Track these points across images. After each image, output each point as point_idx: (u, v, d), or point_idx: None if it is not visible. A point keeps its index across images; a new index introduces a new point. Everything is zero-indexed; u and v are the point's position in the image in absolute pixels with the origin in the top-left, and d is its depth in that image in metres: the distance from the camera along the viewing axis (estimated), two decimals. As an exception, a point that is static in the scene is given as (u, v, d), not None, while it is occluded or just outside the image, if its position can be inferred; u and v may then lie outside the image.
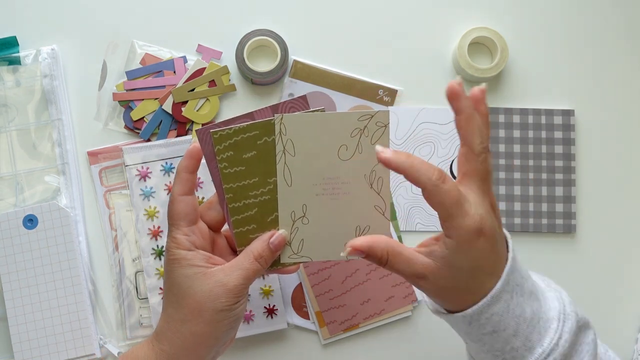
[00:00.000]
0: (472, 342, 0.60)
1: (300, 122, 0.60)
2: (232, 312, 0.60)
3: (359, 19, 0.83)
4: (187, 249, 0.61)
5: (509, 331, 0.57)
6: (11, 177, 0.79)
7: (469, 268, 0.55)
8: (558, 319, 0.58)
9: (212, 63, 0.80)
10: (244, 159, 0.61)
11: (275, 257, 0.62)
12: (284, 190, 0.62)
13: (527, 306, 0.58)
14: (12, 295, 0.76)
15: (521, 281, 0.58)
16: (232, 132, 0.60)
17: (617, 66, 0.83)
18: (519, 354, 0.57)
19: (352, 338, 0.79)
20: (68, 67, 0.81)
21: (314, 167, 0.61)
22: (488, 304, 0.56)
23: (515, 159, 0.81)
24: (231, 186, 0.62)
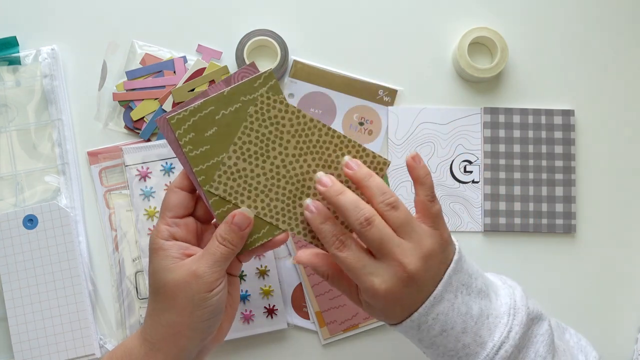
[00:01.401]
0: (427, 349, 0.62)
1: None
2: (207, 301, 0.60)
3: (359, 19, 0.83)
4: (165, 238, 0.61)
5: (457, 329, 0.59)
6: (11, 177, 0.79)
7: (389, 306, 0.60)
8: (508, 313, 0.61)
9: (212, 63, 0.80)
10: (207, 138, 0.61)
11: (244, 236, 0.61)
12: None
13: (474, 304, 0.60)
14: (12, 295, 0.76)
15: (468, 281, 0.61)
16: (188, 113, 0.60)
17: (617, 66, 0.83)
18: (471, 350, 0.60)
19: (352, 338, 0.79)
20: (68, 67, 0.81)
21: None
22: (431, 304, 0.59)
23: (515, 159, 0.81)
24: (201, 168, 0.61)
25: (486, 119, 0.81)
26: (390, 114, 0.81)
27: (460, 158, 0.81)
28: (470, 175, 0.81)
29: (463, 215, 0.80)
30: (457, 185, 0.81)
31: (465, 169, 0.81)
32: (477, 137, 0.81)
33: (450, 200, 0.81)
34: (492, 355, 0.59)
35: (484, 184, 0.81)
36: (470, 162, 0.81)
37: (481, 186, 0.81)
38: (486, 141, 0.81)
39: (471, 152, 0.81)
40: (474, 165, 0.81)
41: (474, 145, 0.81)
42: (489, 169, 0.81)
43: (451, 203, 0.81)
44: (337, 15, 0.83)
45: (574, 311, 0.80)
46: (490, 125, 0.81)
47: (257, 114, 0.61)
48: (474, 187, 0.81)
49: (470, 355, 0.60)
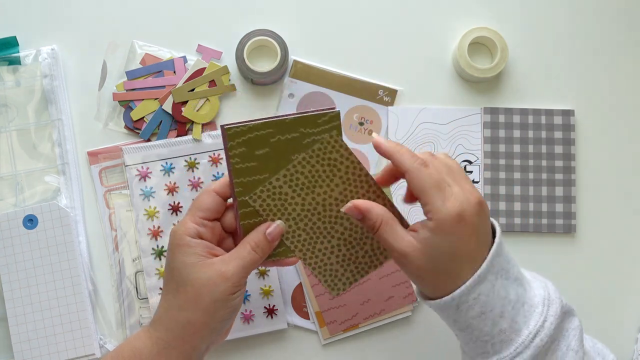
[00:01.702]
0: (461, 332, 0.61)
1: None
2: (230, 302, 0.61)
3: (359, 19, 0.83)
4: (192, 236, 0.62)
5: (496, 312, 0.59)
6: (11, 177, 0.79)
7: (447, 252, 0.58)
8: (543, 304, 0.60)
9: (212, 63, 0.80)
10: (256, 155, 0.62)
11: (272, 247, 0.63)
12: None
13: (511, 289, 0.60)
14: (12, 295, 0.76)
15: (507, 266, 0.61)
16: (247, 129, 0.62)
17: (617, 66, 0.83)
18: (506, 336, 0.59)
19: (352, 338, 0.79)
20: (68, 67, 0.81)
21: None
22: (475, 283, 0.58)
23: (515, 159, 0.81)
24: (241, 180, 0.63)
25: (486, 119, 0.81)
26: (390, 114, 0.81)
27: (460, 158, 0.81)
28: (471, 175, 0.81)
29: (463, 215, 0.80)
30: (457, 185, 0.81)
31: (465, 169, 0.81)
32: (477, 137, 0.81)
33: (450, 200, 0.81)
34: (527, 342, 0.59)
35: (484, 184, 0.81)
36: (470, 162, 0.81)
37: (481, 186, 0.81)
38: (486, 141, 0.81)
39: (471, 152, 0.81)
40: (474, 165, 0.81)
41: (474, 145, 0.81)
42: (489, 169, 0.81)
43: (451, 203, 0.80)
44: (337, 15, 0.83)
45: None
46: (490, 125, 0.81)
47: (318, 151, 0.63)
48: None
49: (505, 342, 0.60)
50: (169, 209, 0.79)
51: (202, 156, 0.79)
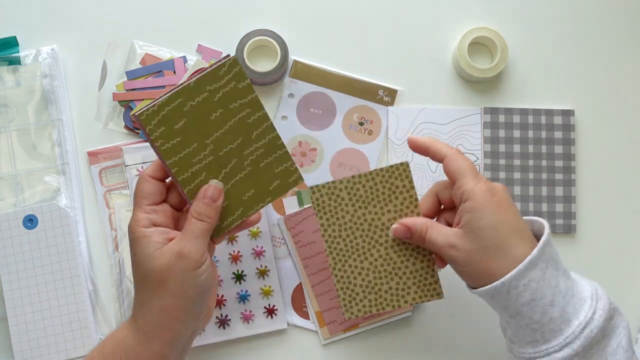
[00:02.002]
0: (511, 319, 0.62)
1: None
2: (197, 279, 0.61)
3: (359, 19, 0.83)
4: (146, 226, 0.62)
5: (546, 300, 0.60)
6: (11, 177, 0.79)
7: (490, 225, 0.61)
8: (591, 297, 0.61)
9: (212, 63, 0.80)
10: (177, 130, 0.62)
11: (218, 208, 0.63)
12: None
13: (561, 280, 0.61)
14: (12, 295, 0.76)
15: (557, 257, 0.62)
16: (157, 108, 0.61)
17: (617, 66, 0.83)
18: (556, 325, 0.60)
19: (352, 338, 0.79)
20: (68, 67, 0.81)
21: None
22: (526, 267, 0.60)
23: (515, 159, 0.81)
24: (173, 160, 0.62)
25: (486, 119, 0.81)
26: (390, 114, 0.81)
27: (460, 158, 0.81)
28: (470, 175, 0.81)
29: (463, 215, 0.80)
30: (457, 185, 0.81)
31: (465, 169, 0.81)
32: (477, 137, 0.81)
33: (450, 200, 0.81)
34: (577, 333, 0.60)
35: (484, 184, 0.80)
36: (470, 162, 0.81)
37: (481, 186, 0.81)
38: (486, 141, 0.81)
39: (471, 152, 0.81)
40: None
41: (474, 145, 0.81)
42: (489, 169, 0.81)
43: (451, 203, 0.81)
44: (337, 15, 0.83)
45: (574, 311, 0.80)
46: (490, 125, 0.81)
47: (386, 172, 0.66)
48: (474, 187, 0.81)
49: (555, 332, 0.60)
50: (169, 209, 0.79)
51: (202, 156, 0.79)
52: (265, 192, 0.65)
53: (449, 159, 0.64)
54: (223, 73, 0.62)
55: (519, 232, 0.61)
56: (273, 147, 0.65)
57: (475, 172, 0.63)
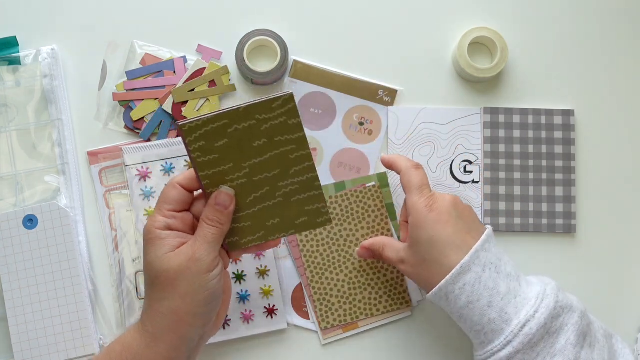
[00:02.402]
0: (459, 322, 0.66)
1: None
2: (208, 283, 0.61)
3: (359, 19, 0.83)
4: (161, 229, 0.62)
5: (483, 302, 0.63)
6: (11, 177, 0.79)
7: (426, 240, 0.66)
8: (536, 298, 0.64)
9: (212, 63, 0.80)
10: (216, 147, 0.62)
11: (229, 214, 0.63)
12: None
13: (502, 282, 0.64)
14: (12, 295, 0.76)
15: (497, 262, 0.65)
16: (201, 123, 0.61)
17: (617, 66, 0.83)
18: (497, 326, 0.63)
19: (352, 338, 0.79)
20: (68, 67, 0.81)
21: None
22: (458, 272, 0.64)
23: (515, 159, 0.81)
24: (206, 173, 0.63)
25: (486, 119, 0.81)
26: (390, 114, 0.81)
27: (460, 158, 0.81)
28: (470, 175, 0.81)
29: (463, 215, 0.80)
30: (457, 185, 0.81)
31: (465, 169, 0.81)
32: (477, 137, 0.81)
33: (450, 200, 0.81)
34: (516, 331, 0.62)
35: (484, 184, 0.81)
36: (470, 162, 0.81)
37: (481, 186, 0.81)
38: (486, 141, 0.81)
39: (471, 152, 0.81)
40: (474, 165, 0.81)
41: (474, 145, 0.81)
42: (489, 169, 0.81)
43: (451, 203, 0.81)
44: (337, 15, 0.83)
45: (574, 311, 0.80)
46: (490, 125, 0.81)
47: (355, 191, 0.69)
48: (474, 187, 0.81)
49: (496, 332, 0.63)
50: (169, 209, 0.79)
51: (202, 156, 0.79)
52: (290, 225, 0.65)
53: (402, 174, 0.70)
54: (276, 106, 0.62)
55: (454, 245, 0.65)
56: (309, 187, 0.64)
57: (421, 187, 0.68)
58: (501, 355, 0.63)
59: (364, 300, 0.77)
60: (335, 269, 0.78)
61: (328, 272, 0.78)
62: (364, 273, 0.78)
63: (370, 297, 0.77)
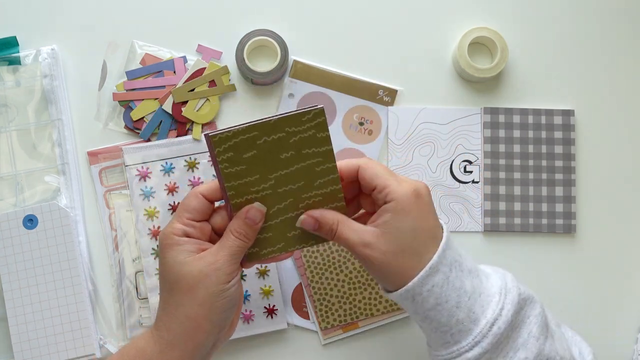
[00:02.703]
0: (422, 322, 0.63)
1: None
2: (226, 292, 0.61)
3: (359, 19, 0.83)
4: (179, 235, 0.62)
5: (451, 303, 0.61)
6: (11, 177, 0.79)
7: (410, 228, 0.61)
8: (500, 293, 0.62)
9: (212, 63, 0.80)
10: (244, 159, 0.62)
11: (255, 230, 0.63)
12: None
13: (467, 280, 0.62)
14: (12, 295, 0.76)
15: (459, 259, 0.63)
16: (232, 134, 0.62)
17: (617, 66, 0.83)
18: (464, 326, 0.61)
19: (352, 338, 0.79)
20: (68, 67, 0.81)
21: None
22: (427, 274, 0.60)
23: (515, 159, 0.81)
24: (232, 184, 0.63)
25: (486, 119, 0.81)
26: (390, 114, 0.81)
27: (460, 158, 0.81)
28: (470, 175, 0.81)
29: (463, 215, 0.80)
30: (457, 185, 0.81)
31: (465, 169, 0.81)
32: (477, 137, 0.81)
33: (450, 200, 0.81)
34: (485, 331, 0.61)
35: (484, 184, 0.81)
36: (470, 162, 0.81)
37: (481, 186, 0.81)
38: (486, 141, 0.81)
39: (471, 152, 0.81)
40: (474, 165, 0.81)
41: (474, 145, 0.81)
42: (489, 169, 0.81)
43: (451, 203, 0.81)
44: (337, 15, 0.83)
45: (574, 311, 0.80)
46: (490, 125, 0.81)
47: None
48: (474, 187, 0.81)
49: (463, 332, 0.61)
50: (169, 209, 0.79)
51: (202, 156, 0.79)
52: (310, 236, 0.66)
53: (364, 167, 0.63)
54: (306, 120, 0.62)
55: (434, 238, 0.62)
56: (332, 199, 0.65)
57: (394, 174, 0.63)
58: (468, 356, 0.61)
59: (364, 300, 0.77)
60: (335, 269, 0.78)
61: (328, 272, 0.78)
62: (364, 273, 0.78)
63: (370, 297, 0.77)
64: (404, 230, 0.61)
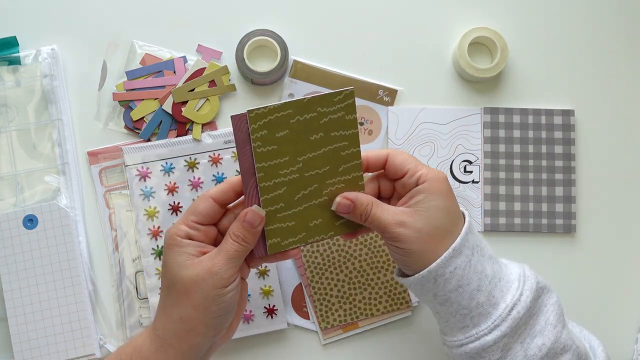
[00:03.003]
0: (441, 306, 0.64)
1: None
2: (222, 297, 0.61)
3: (359, 19, 0.83)
4: (182, 237, 0.62)
5: (473, 286, 0.62)
6: (11, 177, 0.79)
7: (442, 207, 0.63)
8: (519, 280, 0.64)
9: (212, 63, 0.80)
10: (277, 138, 0.63)
11: (255, 234, 0.62)
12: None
13: (487, 265, 0.63)
14: (12, 295, 0.76)
15: (481, 244, 0.64)
16: (267, 110, 0.62)
17: (617, 66, 0.83)
18: (484, 309, 0.62)
19: (352, 338, 0.79)
20: (68, 67, 0.81)
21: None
22: (450, 255, 0.62)
23: (515, 159, 0.81)
24: (263, 165, 0.63)
25: (486, 119, 0.81)
26: (390, 114, 0.81)
27: (460, 158, 0.81)
28: (470, 175, 0.81)
29: (463, 215, 0.80)
30: (457, 185, 0.81)
31: (465, 169, 0.81)
32: (477, 137, 0.81)
33: (450, 200, 0.81)
34: (504, 315, 0.62)
35: (484, 184, 0.81)
36: (470, 162, 0.81)
37: (481, 186, 0.81)
38: (486, 141, 0.81)
39: (471, 152, 0.81)
40: (474, 165, 0.81)
41: (474, 145, 0.81)
42: (489, 169, 0.81)
43: (451, 203, 0.81)
44: (337, 15, 0.83)
45: (574, 311, 0.80)
46: (490, 125, 0.81)
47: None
48: (474, 187, 0.81)
49: (483, 315, 0.63)
50: (169, 209, 0.79)
51: (202, 156, 0.79)
52: (330, 226, 0.66)
53: (393, 154, 0.66)
54: (337, 100, 0.63)
55: (460, 218, 0.65)
56: (354, 186, 0.65)
57: (419, 161, 0.66)
58: (487, 339, 0.62)
59: (364, 300, 0.77)
60: (335, 269, 0.78)
61: (328, 272, 0.78)
62: (364, 273, 0.78)
63: (370, 297, 0.78)
64: (438, 208, 0.63)
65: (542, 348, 0.62)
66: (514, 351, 0.62)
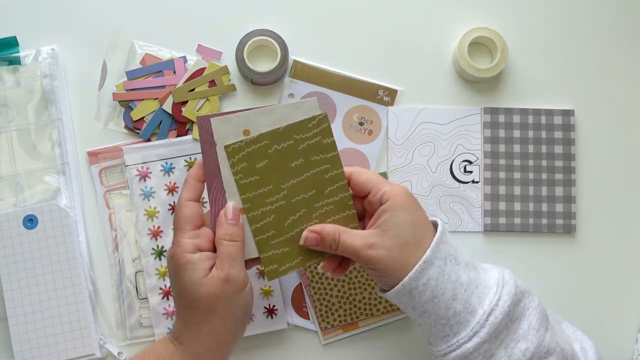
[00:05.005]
0: (421, 317, 0.64)
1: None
2: (242, 300, 0.63)
3: (359, 19, 0.83)
4: (191, 252, 0.63)
5: (448, 295, 0.62)
6: (11, 177, 0.79)
7: (409, 222, 0.63)
8: (497, 285, 0.64)
9: (212, 63, 0.80)
10: (258, 169, 0.64)
11: (241, 227, 0.64)
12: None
13: (463, 273, 0.63)
14: (12, 295, 0.76)
15: (455, 253, 0.64)
16: (244, 144, 0.63)
17: (617, 66, 0.83)
18: (462, 318, 0.63)
19: (352, 338, 0.79)
20: (68, 67, 0.81)
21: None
22: (421, 268, 0.62)
23: (515, 159, 0.81)
24: (248, 196, 0.64)
25: (486, 119, 0.81)
26: (390, 114, 0.81)
27: (460, 158, 0.81)
28: (470, 175, 0.81)
29: (463, 215, 0.80)
30: (457, 185, 0.81)
31: (465, 169, 0.81)
32: (477, 137, 0.81)
33: (450, 200, 0.81)
34: (482, 322, 0.62)
35: (484, 184, 0.81)
36: (470, 162, 0.81)
37: (481, 186, 0.81)
38: (486, 141, 0.81)
39: (471, 152, 0.81)
40: (474, 165, 0.81)
41: (474, 145, 0.81)
42: (489, 169, 0.81)
43: (451, 203, 0.81)
44: (337, 15, 0.83)
45: (574, 311, 0.80)
46: (490, 125, 0.81)
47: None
48: (474, 187, 0.81)
49: (462, 323, 0.63)
50: (169, 209, 0.79)
51: (202, 156, 0.79)
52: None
53: (357, 173, 0.66)
54: (312, 126, 0.65)
55: (428, 227, 0.64)
56: (343, 207, 0.66)
57: (384, 179, 0.66)
58: (468, 347, 0.62)
59: (364, 300, 0.77)
60: None
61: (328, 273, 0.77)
62: (364, 273, 0.78)
63: (370, 297, 0.77)
64: (404, 224, 0.63)
65: (525, 352, 0.62)
66: (497, 357, 0.62)
